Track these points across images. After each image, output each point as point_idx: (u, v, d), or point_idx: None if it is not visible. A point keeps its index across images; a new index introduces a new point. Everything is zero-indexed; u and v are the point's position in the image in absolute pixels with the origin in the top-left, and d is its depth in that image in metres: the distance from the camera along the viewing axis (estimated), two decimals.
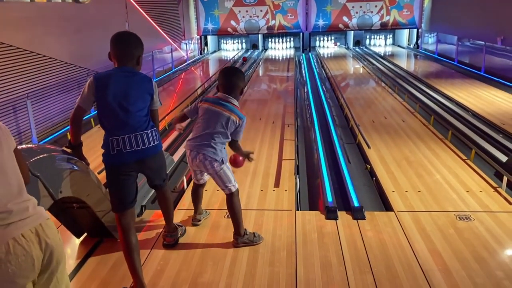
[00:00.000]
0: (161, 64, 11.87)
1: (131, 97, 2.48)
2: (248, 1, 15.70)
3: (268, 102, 7.99)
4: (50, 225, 1.70)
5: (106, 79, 2.47)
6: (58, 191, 2.38)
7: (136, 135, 2.50)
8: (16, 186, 1.65)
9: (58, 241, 1.72)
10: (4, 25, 5.52)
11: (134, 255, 2.53)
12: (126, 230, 2.56)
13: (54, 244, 1.68)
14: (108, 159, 2.53)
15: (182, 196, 3.94)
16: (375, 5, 15.58)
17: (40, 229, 1.65)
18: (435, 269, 2.75)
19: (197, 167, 3.05)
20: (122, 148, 2.48)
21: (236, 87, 2.95)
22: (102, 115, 2.51)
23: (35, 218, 1.66)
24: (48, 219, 1.72)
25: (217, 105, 2.91)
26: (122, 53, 2.54)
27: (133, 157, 2.52)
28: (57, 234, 1.73)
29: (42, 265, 1.66)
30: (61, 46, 6.80)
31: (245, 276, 2.73)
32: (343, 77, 10.71)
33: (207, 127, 2.91)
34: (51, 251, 1.66)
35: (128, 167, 2.54)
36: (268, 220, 3.43)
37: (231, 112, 2.89)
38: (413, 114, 6.65)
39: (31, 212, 1.65)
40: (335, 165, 4.73)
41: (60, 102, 6.64)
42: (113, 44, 2.56)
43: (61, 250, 1.74)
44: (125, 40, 2.59)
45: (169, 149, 5.26)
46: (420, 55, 14.27)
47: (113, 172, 2.55)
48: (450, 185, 4.00)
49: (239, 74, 3.02)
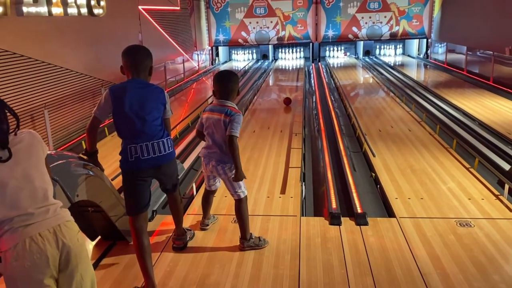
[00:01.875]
0: (173, 75, 12.13)
1: (146, 108, 2.65)
2: (259, 12, 15.96)
3: (277, 111, 8.14)
4: (69, 226, 1.83)
5: (122, 90, 2.64)
6: (74, 195, 2.55)
7: (152, 143, 2.68)
8: (41, 192, 1.78)
9: (76, 241, 1.83)
10: (24, 38, 5.78)
11: (146, 257, 2.68)
12: (139, 233, 2.71)
13: (71, 244, 1.79)
14: (126, 165, 2.70)
15: (192, 202, 4.09)
16: (385, 15, 15.71)
17: (58, 230, 1.77)
18: (434, 272, 2.85)
19: (210, 172, 3.20)
20: (140, 155, 2.66)
21: (232, 91, 3.08)
22: (120, 124, 2.67)
23: (55, 219, 1.78)
24: (69, 220, 1.84)
25: (214, 112, 3.06)
26: (135, 65, 2.70)
27: (150, 164, 2.70)
28: (75, 235, 1.84)
29: (60, 263, 1.78)
30: (76, 57, 7.06)
31: (250, 278, 2.86)
32: (351, 87, 10.83)
33: (213, 134, 3.07)
34: (67, 250, 1.78)
35: (145, 172, 2.72)
36: (274, 225, 3.56)
37: (223, 114, 3.01)
38: (419, 123, 6.74)
39: (52, 214, 1.78)
40: (341, 173, 4.85)
41: (76, 112, 6.87)
42: (126, 57, 2.70)
43: (80, 249, 1.84)
44: (137, 52, 2.74)
45: (179, 157, 5.43)
46: (429, 65, 14.33)
47: (130, 177, 2.72)
48: (452, 192, 4.09)
49: (232, 77, 3.12)
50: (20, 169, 1.75)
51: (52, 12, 6.32)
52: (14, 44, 5.53)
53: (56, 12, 6.42)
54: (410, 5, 15.54)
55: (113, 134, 6.16)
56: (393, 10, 15.64)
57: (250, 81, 12.08)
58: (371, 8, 15.68)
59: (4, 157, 1.70)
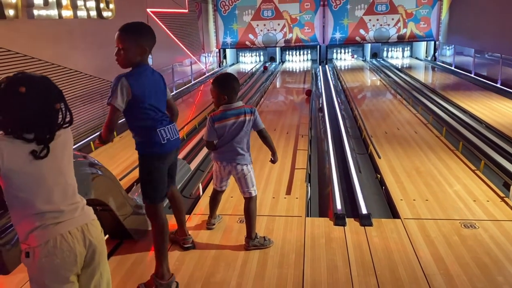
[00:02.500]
0: (181, 77, 12.22)
1: (161, 92, 2.72)
2: (266, 15, 16.03)
3: (283, 113, 8.18)
4: (95, 225, 1.88)
5: (138, 76, 2.57)
6: (83, 193, 2.60)
7: (171, 126, 2.77)
8: (71, 188, 1.83)
9: (101, 240, 1.89)
10: (35, 40, 5.88)
11: (166, 243, 2.81)
12: (164, 219, 2.82)
13: (96, 243, 1.85)
14: (158, 149, 2.70)
15: (198, 202, 4.14)
16: (392, 18, 15.70)
17: (86, 228, 1.82)
18: (437, 273, 2.87)
19: (227, 174, 3.25)
20: (170, 137, 2.72)
21: (236, 92, 3.11)
22: (143, 111, 2.60)
23: (83, 217, 1.83)
24: (94, 219, 1.88)
25: (231, 117, 3.05)
26: (150, 48, 2.63)
27: (174, 146, 2.80)
28: (100, 233, 1.90)
29: (85, 261, 1.84)
30: (86, 59, 7.15)
31: (255, 277, 2.89)
32: (358, 89, 10.84)
33: (232, 138, 3.08)
34: (93, 249, 1.84)
35: (170, 155, 2.81)
36: (279, 226, 3.59)
37: (242, 115, 3.06)
38: (426, 125, 6.74)
39: (79, 213, 1.83)
40: (346, 175, 4.87)
41: (85, 113, 6.97)
42: (145, 37, 2.58)
43: (103, 248, 1.90)
44: (151, 32, 2.67)
45: (186, 158, 5.48)
46: (437, 68, 14.29)
47: (160, 162, 2.75)
48: (457, 194, 4.10)
49: (235, 79, 3.14)
50: (56, 165, 1.77)
51: (62, 15, 6.42)
52: (25, 46, 5.63)
53: (66, 15, 6.52)
54: (418, 7, 15.51)
55: (121, 135, 6.23)
56: (401, 13, 15.62)
57: (257, 83, 12.13)
58: (379, 10, 15.68)
59: (43, 153, 1.72)
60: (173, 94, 10.64)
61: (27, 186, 1.71)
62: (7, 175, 1.67)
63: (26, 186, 1.71)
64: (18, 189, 1.70)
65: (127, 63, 2.57)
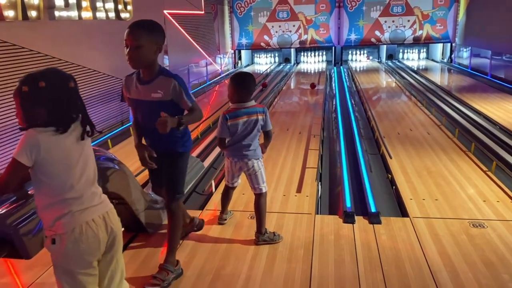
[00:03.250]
0: (196, 78, 12.38)
1: None
2: (281, 16, 16.11)
3: (297, 114, 8.25)
4: (114, 213, 2.01)
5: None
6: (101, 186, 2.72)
7: None
8: (93, 175, 1.95)
9: (120, 227, 2.03)
10: (55, 40, 6.08)
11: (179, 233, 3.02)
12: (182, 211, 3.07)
13: (116, 230, 1.99)
14: (190, 145, 2.96)
15: (211, 198, 4.25)
16: (408, 19, 15.63)
17: (107, 216, 1.94)
18: (443, 270, 2.91)
19: (238, 170, 3.35)
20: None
21: (251, 92, 3.21)
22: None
23: (103, 206, 1.95)
24: (112, 208, 2.01)
25: (243, 115, 3.16)
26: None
27: None
28: (119, 221, 2.03)
29: (106, 247, 1.96)
30: (104, 59, 7.34)
31: (264, 270, 2.98)
32: (373, 90, 10.84)
33: (244, 136, 3.19)
34: (114, 236, 1.97)
35: None
36: (289, 222, 3.67)
37: (254, 114, 3.16)
38: (439, 127, 6.74)
39: (99, 200, 1.95)
40: (357, 174, 4.92)
41: (102, 112, 7.15)
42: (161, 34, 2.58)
43: (121, 236, 2.04)
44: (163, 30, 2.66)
45: (200, 156, 5.60)
46: (453, 70, 14.17)
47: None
48: (467, 194, 4.12)
49: (252, 78, 3.23)
50: (84, 152, 1.90)
51: (82, 16, 6.61)
52: (46, 46, 5.82)
53: (85, 16, 6.71)
54: (434, 9, 15.41)
55: None
56: (417, 14, 15.54)
57: (271, 84, 12.22)
58: (394, 12, 15.62)
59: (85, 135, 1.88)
60: None
61: (59, 174, 1.82)
62: (43, 165, 1.78)
63: (59, 174, 1.82)
64: (50, 177, 1.81)
65: (143, 62, 2.54)
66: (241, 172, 3.36)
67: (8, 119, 5.14)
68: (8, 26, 5.18)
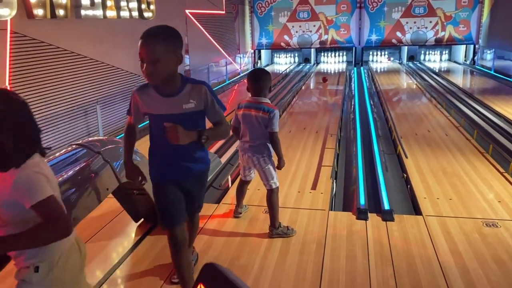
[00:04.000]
0: (216, 77, 12.55)
1: None
2: (302, 16, 16.16)
3: (314, 113, 8.30)
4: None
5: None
6: (122, 176, 2.86)
7: None
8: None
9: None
10: (81, 38, 6.30)
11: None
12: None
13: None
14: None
15: (227, 193, 4.36)
16: (430, 20, 15.47)
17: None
18: (454, 266, 2.95)
19: (246, 163, 3.46)
20: None
21: (264, 88, 3.29)
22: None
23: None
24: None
25: (249, 108, 3.29)
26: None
27: None
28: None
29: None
30: (127, 57, 7.54)
31: (276, 262, 3.07)
32: (393, 92, 10.80)
33: (248, 129, 3.32)
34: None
35: None
36: (302, 218, 3.76)
37: (260, 110, 3.25)
38: (457, 128, 6.71)
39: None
40: (372, 173, 4.97)
41: (125, 108, 7.34)
42: (181, 43, 2.23)
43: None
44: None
45: (218, 152, 5.73)
46: (476, 72, 13.98)
47: None
48: (482, 194, 4.13)
49: (265, 75, 3.32)
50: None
51: (107, 15, 6.82)
52: (72, 44, 6.04)
53: (110, 15, 6.92)
54: (458, 10, 15.22)
55: None
56: (439, 15, 15.38)
57: (290, 83, 12.29)
58: (416, 13, 15.49)
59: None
60: None
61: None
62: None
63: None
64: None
65: (164, 76, 2.16)
66: (250, 165, 3.46)
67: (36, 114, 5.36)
68: (37, 23, 5.40)
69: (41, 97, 5.46)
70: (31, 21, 5.30)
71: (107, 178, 2.71)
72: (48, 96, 5.58)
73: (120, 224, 3.73)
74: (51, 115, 5.61)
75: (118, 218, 3.82)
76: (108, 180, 2.72)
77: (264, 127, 3.26)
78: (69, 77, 6.01)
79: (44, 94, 5.51)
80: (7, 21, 4.92)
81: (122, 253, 3.28)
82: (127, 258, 3.21)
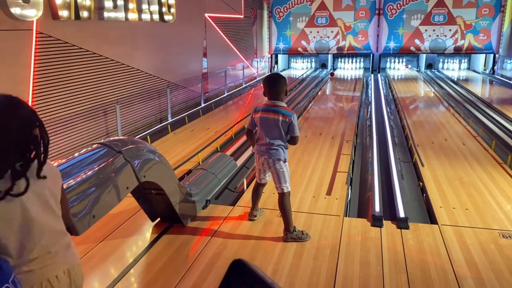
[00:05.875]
0: (232, 80, 12.63)
1: None
2: (320, 22, 16.17)
3: (330, 119, 8.30)
4: (80, 265, 1.71)
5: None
6: (142, 176, 2.93)
7: None
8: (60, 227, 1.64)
9: (83, 281, 1.74)
10: (103, 40, 6.42)
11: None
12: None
13: (80, 284, 1.70)
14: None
15: (242, 195, 4.40)
16: (449, 29, 15.34)
17: (72, 270, 1.65)
18: (469, 277, 2.94)
19: (261, 166, 3.51)
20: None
21: (280, 92, 3.34)
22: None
23: (72, 258, 1.66)
24: (78, 263, 1.70)
25: (267, 112, 3.33)
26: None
27: None
28: (82, 276, 1.74)
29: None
30: (146, 59, 7.67)
31: (290, 265, 3.10)
32: (410, 99, 10.73)
33: (265, 132, 3.36)
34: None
35: None
36: (317, 223, 3.77)
37: (280, 114, 3.30)
38: (475, 138, 6.64)
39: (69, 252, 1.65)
40: (388, 180, 4.95)
41: (143, 109, 7.47)
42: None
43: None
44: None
45: (234, 155, 5.78)
46: (495, 81, 13.79)
47: None
48: (499, 205, 4.09)
49: (281, 80, 3.36)
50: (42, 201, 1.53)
51: (128, 17, 6.94)
52: (94, 45, 6.17)
53: (131, 18, 7.04)
54: (478, 18, 15.05)
55: (174, 132, 6.65)
56: (459, 24, 15.23)
57: (306, 89, 12.30)
58: (436, 21, 15.37)
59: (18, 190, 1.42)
60: (225, 96, 11.05)
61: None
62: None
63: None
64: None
65: None
66: (265, 168, 3.50)
67: (57, 113, 5.49)
68: (61, 25, 5.53)
69: (63, 96, 5.58)
70: (56, 22, 5.43)
71: (127, 177, 2.77)
72: (69, 96, 5.71)
73: (136, 223, 3.79)
74: (71, 115, 5.74)
75: (134, 217, 3.89)
76: (128, 179, 2.79)
77: (281, 130, 3.30)
78: (90, 77, 6.14)
79: (66, 94, 5.64)
80: (33, 22, 5.06)
81: (137, 252, 3.33)
82: (142, 257, 3.27)
